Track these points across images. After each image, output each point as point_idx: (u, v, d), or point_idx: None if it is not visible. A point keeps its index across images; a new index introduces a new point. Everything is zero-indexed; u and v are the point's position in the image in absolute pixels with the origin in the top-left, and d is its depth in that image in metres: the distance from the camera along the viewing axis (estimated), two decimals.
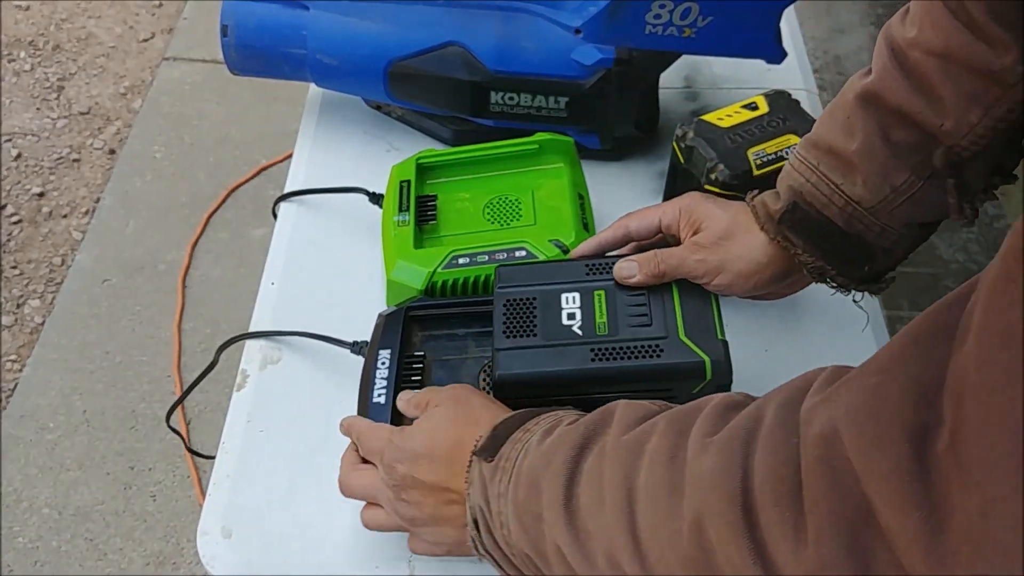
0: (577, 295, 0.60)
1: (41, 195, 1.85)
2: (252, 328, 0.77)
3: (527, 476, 0.46)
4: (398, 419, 0.61)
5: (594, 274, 0.62)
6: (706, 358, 0.56)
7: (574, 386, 0.57)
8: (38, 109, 2.01)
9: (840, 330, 0.77)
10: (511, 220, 0.77)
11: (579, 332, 0.58)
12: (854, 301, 0.62)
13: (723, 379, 0.57)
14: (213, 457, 0.70)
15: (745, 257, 0.59)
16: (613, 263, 0.62)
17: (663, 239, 0.64)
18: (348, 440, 0.62)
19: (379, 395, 0.61)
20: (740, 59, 0.81)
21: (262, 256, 0.82)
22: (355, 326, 0.72)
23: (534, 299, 0.60)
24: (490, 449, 0.50)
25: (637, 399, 0.57)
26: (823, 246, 0.58)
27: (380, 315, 0.70)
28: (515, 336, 0.58)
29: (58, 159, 1.92)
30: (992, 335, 0.27)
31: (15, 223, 1.80)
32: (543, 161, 0.81)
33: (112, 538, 1.39)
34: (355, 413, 0.64)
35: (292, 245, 0.83)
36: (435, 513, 0.53)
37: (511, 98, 0.83)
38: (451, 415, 0.54)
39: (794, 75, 0.97)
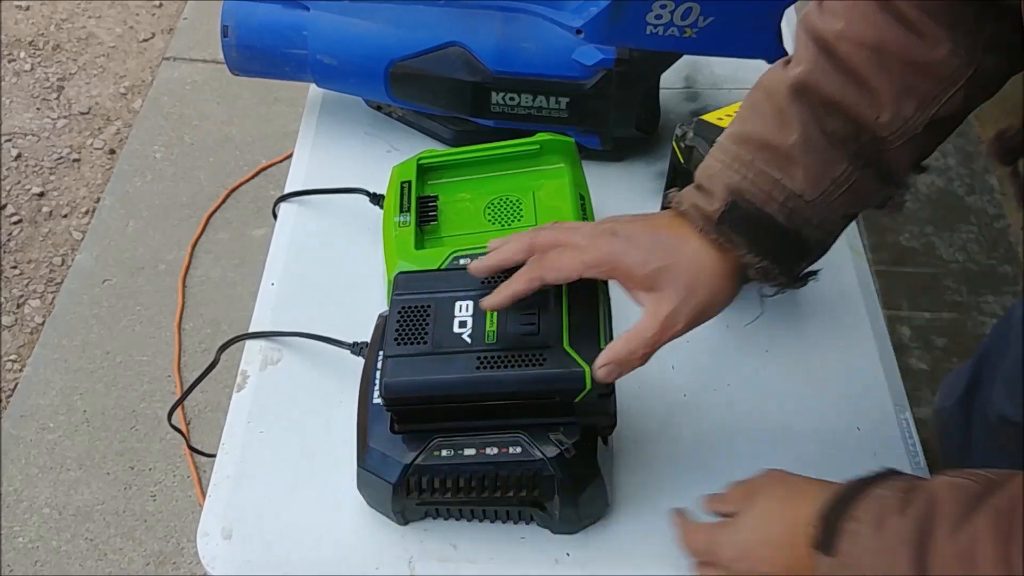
0: (471, 303, 0.61)
1: (41, 195, 1.85)
2: (252, 328, 0.77)
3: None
4: (398, 422, 0.61)
5: (490, 283, 0.62)
6: (586, 367, 0.56)
7: (459, 393, 0.58)
8: (38, 109, 2.01)
9: (840, 330, 0.77)
10: (512, 220, 0.77)
11: (468, 340, 0.58)
12: (762, 295, 0.59)
13: (602, 388, 0.57)
14: (214, 455, 0.70)
15: (697, 282, 0.55)
16: (510, 272, 0.61)
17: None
18: (348, 445, 0.62)
19: (379, 397, 0.61)
20: (740, 59, 0.81)
21: (262, 256, 0.82)
22: (355, 327, 0.72)
23: (428, 307, 0.61)
24: (826, 543, 0.48)
25: (521, 407, 0.58)
26: (766, 244, 0.55)
27: (380, 316, 0.70)
28: (406, 343, 0.59)
29: (58, 159, 1.91)
30: None
31: (15, 223, 1.80)
32: (544, 161, 0.81)
33: (112, 538, 1.39)
34: (355, 414, 0.65)
35: (292, 245, 0.83)
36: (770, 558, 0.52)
37: (512, 98, 0.83)
38: (779, 496, 0.54)
39: None
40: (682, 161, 0.74)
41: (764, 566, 0.52)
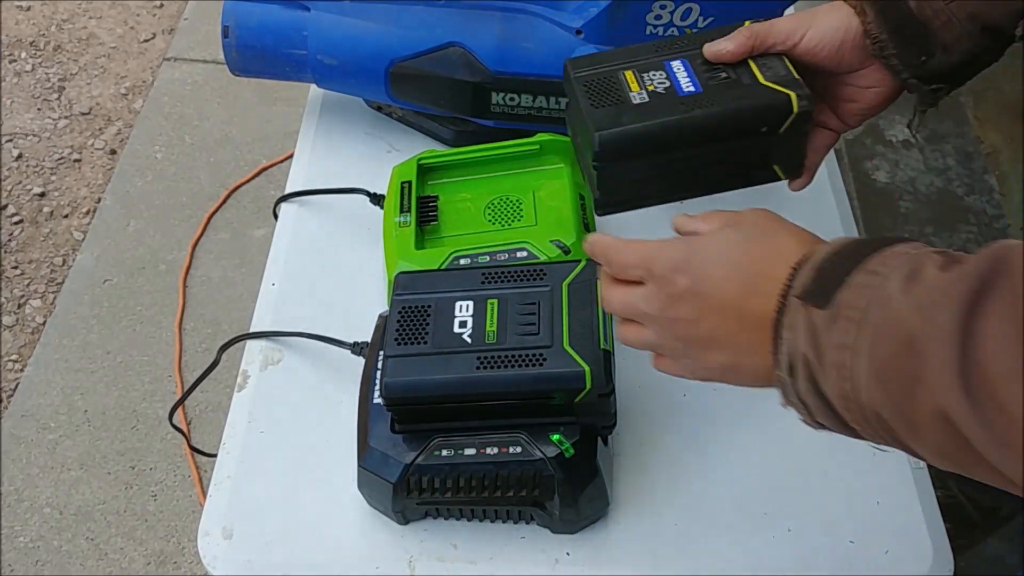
0: (471, 303, 0.61)
1: (42, 195, 1.85)
2: (253, 328, 0.77)
3: (897, 333, 0.39)
4: (399, 421, 0.61)
5: (489, 283, 0.62)
6: (586, 367, 0.57)
7: (459, 393, 0.58)
8: (39, 109, 2.01)
9: None
10: (512, 220, 0.77)
11: (468, 340, 0.59)
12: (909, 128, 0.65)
13: (602, 388, 0.57)
14: (215, 455, 0.70)
15: (829, 20, 0.61)
16: (508, 272, 0.63)
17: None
18: (348, 444, 0.63)
19: (380, 396, 0.61)
20: None
21: (263, 256, 0.83)
22: (356, 327, 0.72)
23: (429, 307, 0.61)
24: (818, 293, 0.43)
25: (521, 406, 0.58)
26: (891, 19, 0.59)
27: (381, 316, 0.70)
28: (407, 343, 0.59)
29: (59, 159, 1.92)
30: None
31: (16, 223, 1.80)
32: (544, 161, 0.81)
33: (113, 538, 1.39)
34: (355, 414, 0.65)
35: (293, 246, 0.83)
36: (713, 334, 0.47)
37: (512, 99, 0.83)
38: (764, 229, 0.48)
39: None
40: None
41: (709, 287, 0.46)
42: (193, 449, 1.27)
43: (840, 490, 0.68)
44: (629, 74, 0.60)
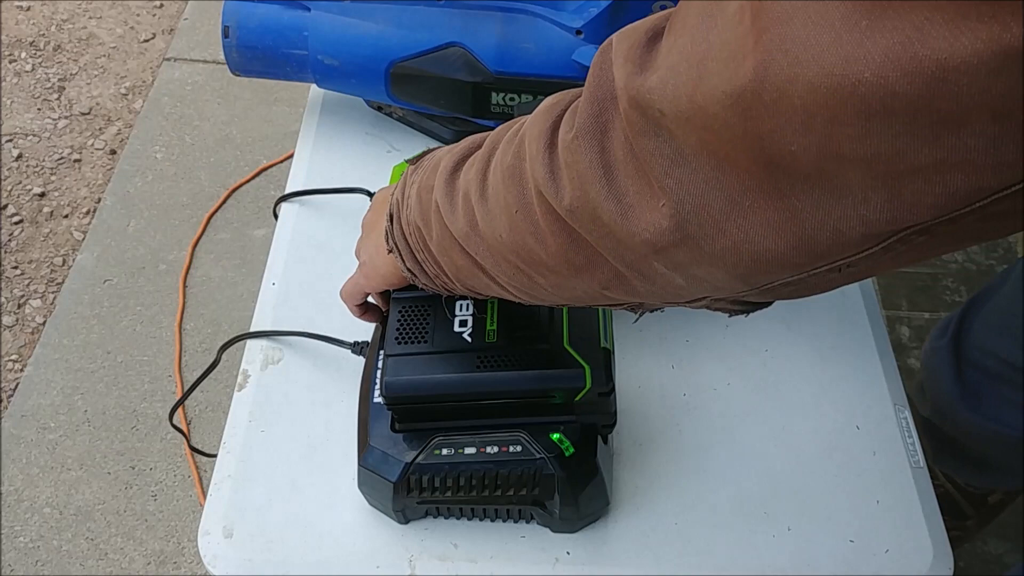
0: (471, 302, 0.61)
1: (42, 195, 1.85)
2: (253, 328, 0.77)
3: (434, 162, 0.53)
4: (399, 420, 0.62)
5: None
6: (586, 367, 0.57)
7: (460, 393, 0.58)
8: (39, 109, 2.01)
9: (840, 330, 0.77)
10: None
11: (468, 340, 0.59)
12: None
13: (602, 387, 0.57)
14: (215, 455, 0.70)
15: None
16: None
17: None
18: (349, 444, 0.63)
19: (380, 396, 0.61)
20: None
21: (263, 256, 0.83)
22: (356, 326, 0.72)
23: (429, 306, 0.61)
24: (416, 159, 0.58)
25: (522, 406, 0.58)
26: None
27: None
28: (407, 343, 0.59)
29: (59, 159, 1.92)
30: None
31: (16, 223, 1.80)
32: None
33: (113, 538, 1.39)
34: (355, 413, 0.65)
35: (293, 245, 0.83)
36: (371, 226, 0.63)
37: (512, 99, 0.83)
38: (374, 207, 0.66)
39: None
40: None
41: (373, 206, 0.65)
42: (193, 449, 1.27)
43: (840, 490, 0.68)
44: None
